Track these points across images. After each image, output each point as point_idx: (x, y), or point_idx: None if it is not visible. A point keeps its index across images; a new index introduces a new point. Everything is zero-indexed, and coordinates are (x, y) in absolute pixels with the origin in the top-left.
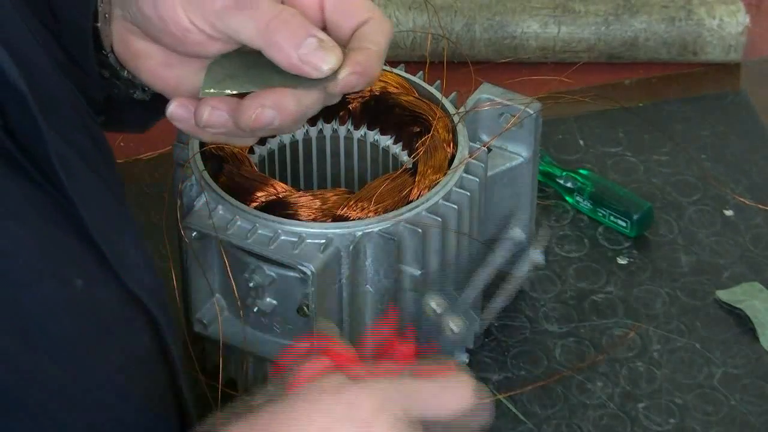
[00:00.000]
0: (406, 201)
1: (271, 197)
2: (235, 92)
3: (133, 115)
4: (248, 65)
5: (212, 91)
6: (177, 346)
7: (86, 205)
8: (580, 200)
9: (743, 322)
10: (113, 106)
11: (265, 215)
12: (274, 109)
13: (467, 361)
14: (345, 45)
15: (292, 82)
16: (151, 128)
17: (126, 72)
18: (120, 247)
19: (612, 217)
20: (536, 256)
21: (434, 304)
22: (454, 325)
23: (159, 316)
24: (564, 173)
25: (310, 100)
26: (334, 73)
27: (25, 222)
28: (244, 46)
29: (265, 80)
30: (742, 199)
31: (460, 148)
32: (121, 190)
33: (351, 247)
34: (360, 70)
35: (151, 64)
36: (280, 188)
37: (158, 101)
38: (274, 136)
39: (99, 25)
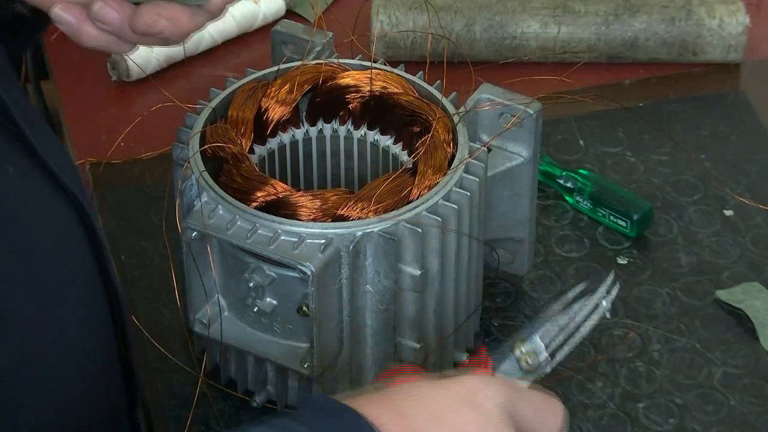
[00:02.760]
0: (406, 201)
1: (271, 197)
2: None
3: (12, 33)
4: None
5: None
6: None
7: (17, 108)
8: (580, 200)
9: (743, 322)
10: None
11: (265, 215)
12: (169, 21)
13: (466, 360)
14: None
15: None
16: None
17: None
18: (44, 142)
19: (612, 217)
20: (606, 307)
21: (527, 356)
22: (529, 358)
23: (81, 198)
24: (564, 173)
25: (202, 19)
26: None
27: None
28: None
29: None
30: (742, 199)
31: (460, 148)
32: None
33: (351, 247)
34: None
35: None
36: (280, 188)
37: (39, 15)
38: (274, 136)
39: None
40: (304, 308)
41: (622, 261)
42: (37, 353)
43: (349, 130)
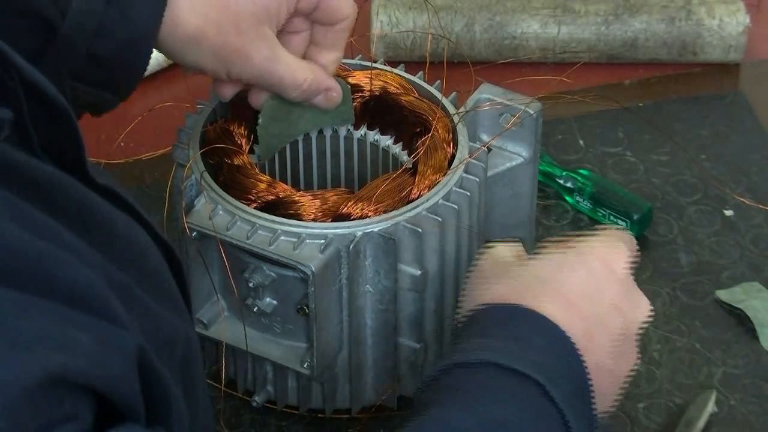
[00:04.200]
0: (406, 201)
1: (271, 197)
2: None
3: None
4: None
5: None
6: None
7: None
8: (580, 200)
9: (743, 322)
10: None
11: (265, 215)
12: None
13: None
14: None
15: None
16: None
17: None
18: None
19: (612, 217)
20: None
21: None
22: None
23: (158, 231)
24: (564, 173)
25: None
26: None
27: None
28: None
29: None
30: (742, 199)
31: (460, 148)
32: None
33: (351, 247)
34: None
35: None
36: (280, 188)
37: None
38: None
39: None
40: (304, 308)
41: None
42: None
43: (349, 130)
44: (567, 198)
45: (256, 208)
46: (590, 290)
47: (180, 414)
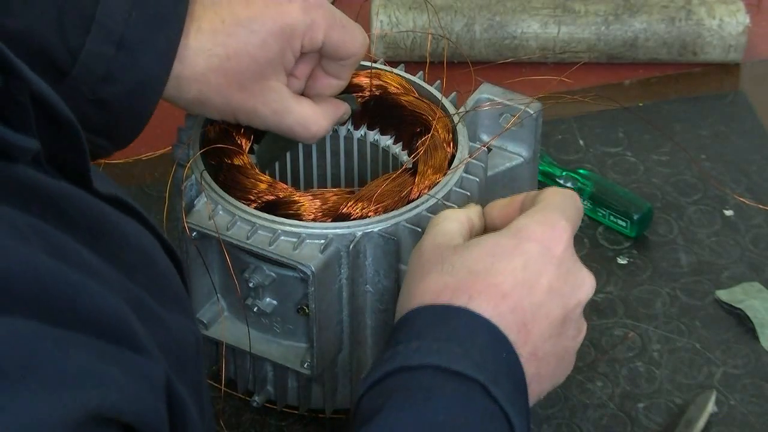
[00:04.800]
0: (406, 201)
1: (271, 197)
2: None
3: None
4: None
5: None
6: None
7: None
8: (580, 200)
9: (743, 322)
10: None
11: (265, 215)
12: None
13: None
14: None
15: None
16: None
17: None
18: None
19: (612, 217)
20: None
21: None
22: None
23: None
24: (564, 173)
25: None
26: None
27: None
28: None
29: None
30: (742, 199)
31: (460, 148)
32: None
33: (351, 247)
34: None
35: None
36: (280, 188)
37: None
38: None
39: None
40: (304, 308)
41: (622, 261)
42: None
43: (349, 129)
44: None
45: (256, 208)
46: (526, 278)
47: (195, 429)
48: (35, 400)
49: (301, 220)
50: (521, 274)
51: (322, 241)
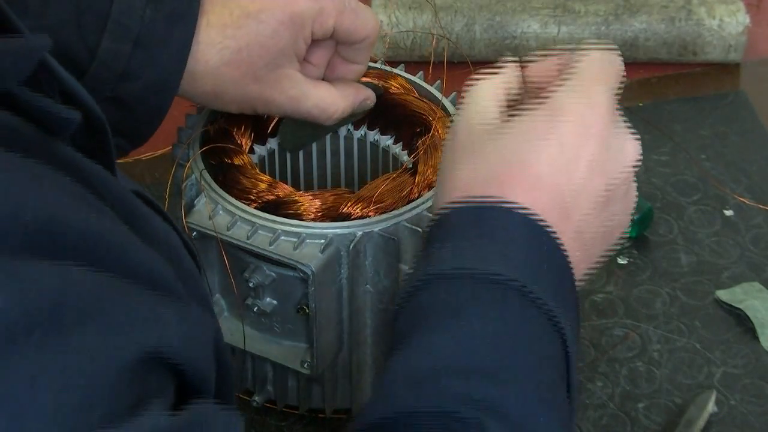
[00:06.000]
0: (406, 201)
1: (271, 197)
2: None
3: None
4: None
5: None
6: None
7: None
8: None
9: (743, 322)
10: None
11: (265, 215)
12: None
13: None
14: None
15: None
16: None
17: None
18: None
19: None
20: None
21: None
22: None
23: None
24: None
25: None
26: None
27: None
28: None
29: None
30: (742, 199)
31: None
32: None
33: (351, 247)
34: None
35: None
36: (280, 188)
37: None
38: (274, 135)
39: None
40: (304, 308)
41: (622, 261)
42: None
43: (349, 129)
44: None
45: (256, 207)
46: (563, 161)
47: (231, 390)
48: (95, 341)
49: (301, 220)
50: (558, 157)
51: (323, 241)
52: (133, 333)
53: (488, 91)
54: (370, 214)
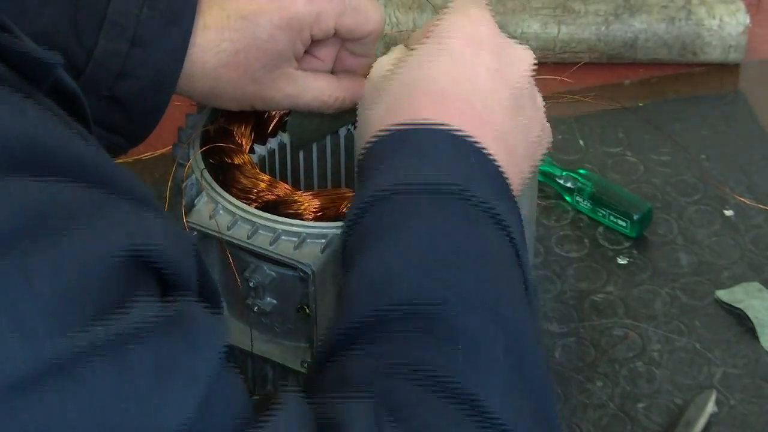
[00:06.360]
0: None
1: (271, 197)
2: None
3: None
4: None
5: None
6: None
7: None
8: (580, 200)
9: (743, 322)
10: None
11: (265, 215)
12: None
13: None
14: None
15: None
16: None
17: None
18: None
19: (612, 217)
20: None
21: None
22: None
23: None
24: (564, 173)
25: None
26: None
27: None
28: None
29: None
30: (742, 199)
31: None
32: None
33: None
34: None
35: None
36: (281, 188)
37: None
38: (274, 135)
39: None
40: (305, 308)
41: (622, 261)
42: None
43: (349, 129)
44: (567, 198)
45: (256, 207)
46: (460, 72)
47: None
48: (83, 242)
49: (301, 219)
50: (455, 70)
51: (323, 241)
52: (119, 233)
53: (386, 58)
54: None
